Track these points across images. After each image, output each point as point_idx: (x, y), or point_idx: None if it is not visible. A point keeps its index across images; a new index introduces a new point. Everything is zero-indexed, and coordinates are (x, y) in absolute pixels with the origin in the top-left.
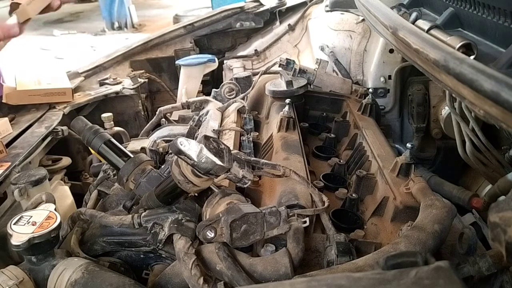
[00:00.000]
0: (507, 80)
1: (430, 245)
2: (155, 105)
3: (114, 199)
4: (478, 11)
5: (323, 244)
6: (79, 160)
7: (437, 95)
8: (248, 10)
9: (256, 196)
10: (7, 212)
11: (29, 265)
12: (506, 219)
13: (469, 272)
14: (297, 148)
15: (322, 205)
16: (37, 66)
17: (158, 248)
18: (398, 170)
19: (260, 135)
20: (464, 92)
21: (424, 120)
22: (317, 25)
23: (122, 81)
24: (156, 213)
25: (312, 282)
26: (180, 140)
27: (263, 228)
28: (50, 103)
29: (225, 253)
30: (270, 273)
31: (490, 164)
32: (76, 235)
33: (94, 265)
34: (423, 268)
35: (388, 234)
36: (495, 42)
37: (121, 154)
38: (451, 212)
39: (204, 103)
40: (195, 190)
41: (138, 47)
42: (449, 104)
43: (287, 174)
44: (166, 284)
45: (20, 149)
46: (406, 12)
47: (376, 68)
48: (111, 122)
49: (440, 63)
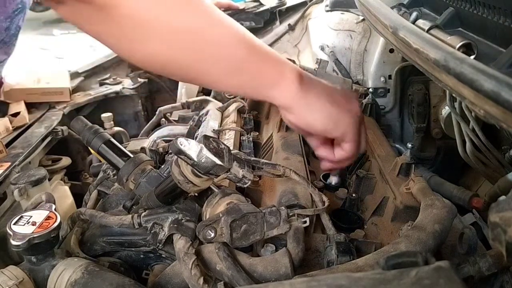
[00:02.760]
0: (508, 80)
1: (430, 245)
2: (155, 105)
3: (114, 199)
4: (478, 11)
5: (323, 244)
6: (79, 160)
7: (437, 95)
8: (248, 10)
9: (256, 196)
10: (7, 212)
11: (29, 265)
12: (506, 219)
13: (469, 272)
14: (297, 148)
15: (322, 205)
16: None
17: (158, 248)
18: (398, 170)
19: (260, 135)
20: (464, 92)
21: (424, 120)
22: (317, 25)
23: (122, 81)
24: (156, 213)
25: (312, 282)
26: (180, 140)
27: (263, 228)
28: (49, 103)
29: (225, 253)
30: (270, 273)
31: (490, 164)
32: (76, 235)
33: (94, 265)
34: (424, 268)
35: (388, 234)
36: (495, 42)
37: (121, 154)
38: (451, 212)
39: (204, 103)
40: (195, 190)
41: None
42: (449, 104)
43: (287, 174)
44: (166, 284)
45: (20, 149)
46: (406, 12)
47: (376, 68)
48: (111, 122)
49: (440, 63)
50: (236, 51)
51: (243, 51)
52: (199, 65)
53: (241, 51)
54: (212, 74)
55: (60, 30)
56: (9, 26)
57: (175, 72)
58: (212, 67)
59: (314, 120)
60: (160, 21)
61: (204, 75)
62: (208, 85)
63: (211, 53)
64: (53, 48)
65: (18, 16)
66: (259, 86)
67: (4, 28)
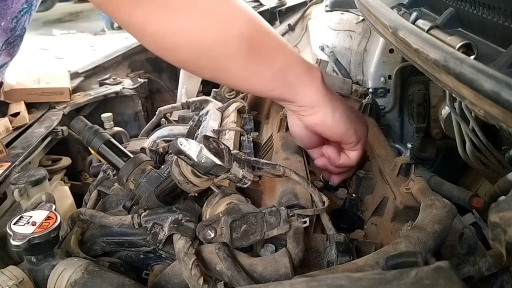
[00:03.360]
0: (507, 80)
1: (430, 245)
2: (155, 105)
3: (114, 199)
4: (478, 11)
5: (323, 244)
6: (79, 160)
7: (437, 95)
8: None
9: (256, 196)
10: (7, 212)
11: (29, 265)
12: (506, 219)
13: (469, 272)
14: (297, 148)
15: (322, 205)
16: (38, 65)
17: (158, 248)
18: (398, 170)
19: (260, 135)
20: (464, 92)
21: (424, 120)
22: (317, 25)
23: (122, 81)
24: (156, 213)
25: (312, 282)
26: (180, 140)
27: (263, 228)
28: (49, 103)
29: (225, 253)
30: (270, 273)
31: (490, 164)
32: (76, 235)
33: (94, 265)
34: (423, 268)
35: (388, 234)
36: (495, 42)
37: (121, 154)
38: (451, 212)
39: (204, 103)
40: (195, 190)
41: (138, 47)
42: (449, 104)
43: (287, 174)
44: (166, 284)
45: (20, 149)
46: (406, 12)
47: (376, 68)
48: (111, 122)
49: (440, 63)
50: (265, 44)
51: (273, 43)
52: (228, 65)
53: (270, 43)
54: (237, 73)
55: (60, 30)
56: (15, 27)
57: (205, 75)
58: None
59: (337, 121)
60: (187, 35)
61: (233, 74)
62: (234, 84)
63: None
64: (53, 48)
65: (24, 17)
66: (287, 83)
67: (10, 28)
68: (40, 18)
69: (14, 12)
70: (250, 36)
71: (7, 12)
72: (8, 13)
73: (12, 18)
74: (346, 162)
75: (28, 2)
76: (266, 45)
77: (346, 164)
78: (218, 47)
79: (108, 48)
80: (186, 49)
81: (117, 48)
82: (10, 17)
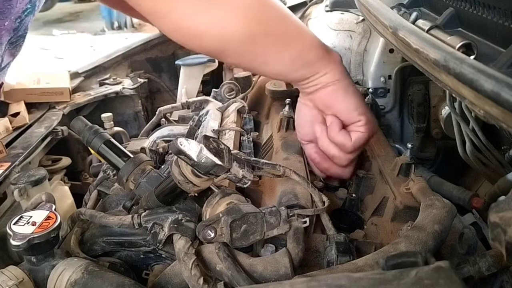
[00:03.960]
0: (507, 80)
1: (430, 245)
2: (155, 105)
3: (114, 199)
4: (478, 11)
5: (323, 244)
6: (79, 160)
7: (437, 95)
8: None
9: (256, 196)
10: (7, 212)
11: (29, 265)
12: (506, 219)
13: (469, 272)
14: (297, 148)
15: (322, 205)
16: (38, 65)
17: (158, 248)
18: (398, 170)
19: (260, 135)
20: (464, 92)
21: (424, 120)
22: (317, 25)
23: (122, 81)
24: (156, 213)
25: (312, 282)
26: (180, 140)
27: (263, 228)
28: (48, 103)
29: (225, 253)
30: (270, 273)
31: (490, 164)
32: (76, 235)
33: (94, 265)
34: (423, 268)
35: (388, 234)
36: (495, 42)
37: (121, 154)
38: (451, 212)
39: (204, 103)
40: (195, 190)
41: (138, 47)
42: (449, 104)
43: (287, 174)
44: (166, 284)
45: (20, 149)
46: (406, 12)
47: (376, 68)
48: (111, 122)
49: (440, 63)
50: (286, 26)
51: (293, 27)
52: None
53: (291, 25)
54: (264, 55)
55: (60, 30)
56: (18, 27)
57: (230, 60)
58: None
59: (351, 95)
60: (211, 24)
61: (256, 58)
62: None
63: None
64: (53, 48)
65: (27, 17)
66: (308, 63)
67: (13, 28)
68: (40, 18)
69: (18, 12)
70: (270, 23)
71: (11, 12)
72: (12, 13)
73: (16, 18)
74: (343, 140)
75: (32, 3)
76: (287, 29)
77: (342, 142)
78: (242, 35)
79: (108, 48)
80: (211, 37)
81: (117, 48)
82: (14, 17)
